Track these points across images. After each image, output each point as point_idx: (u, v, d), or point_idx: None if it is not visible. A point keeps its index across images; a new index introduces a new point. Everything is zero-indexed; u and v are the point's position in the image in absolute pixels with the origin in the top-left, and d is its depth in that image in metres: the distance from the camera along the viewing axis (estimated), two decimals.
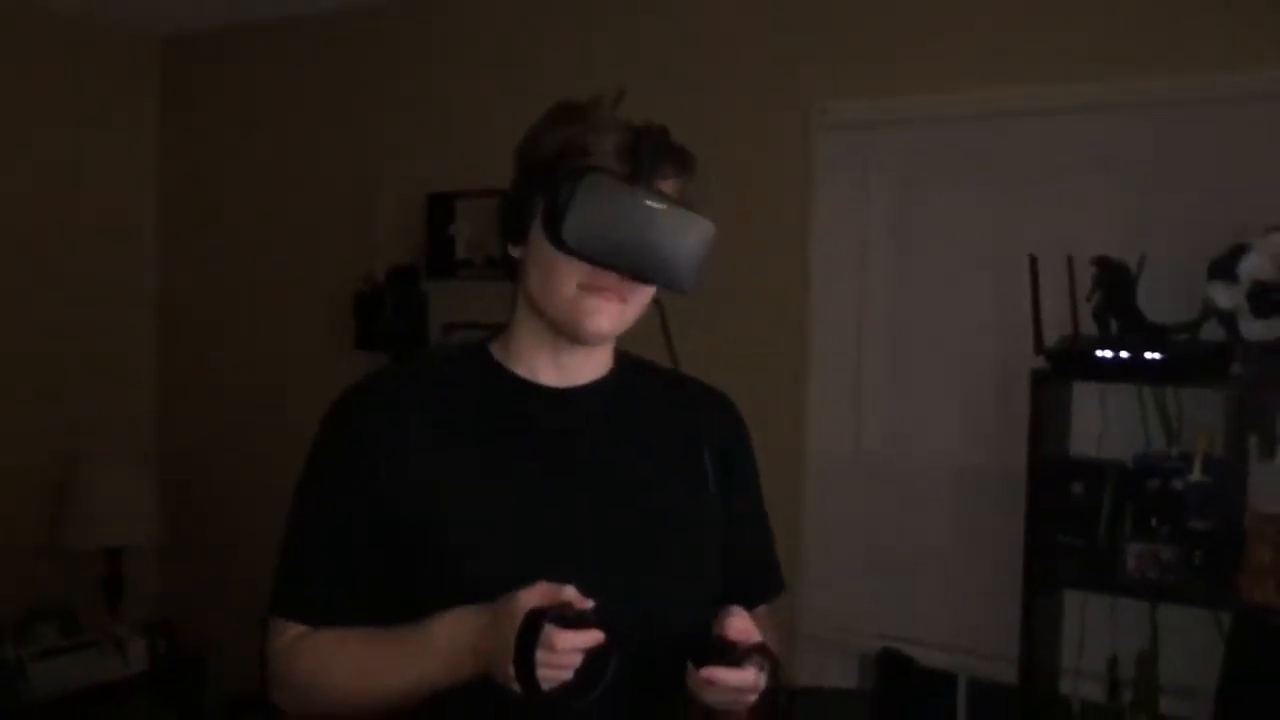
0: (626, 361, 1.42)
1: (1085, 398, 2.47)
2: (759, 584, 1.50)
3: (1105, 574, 2.23)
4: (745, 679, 1.18)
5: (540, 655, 1.09)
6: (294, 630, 1.31)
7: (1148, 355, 2.18)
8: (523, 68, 3.25)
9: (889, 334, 2.81)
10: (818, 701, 2.70)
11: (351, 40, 3.70)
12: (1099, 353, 2.22)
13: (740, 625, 1.20)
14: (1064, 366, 2.29)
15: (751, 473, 1.50)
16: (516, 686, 1.11)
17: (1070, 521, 2.26)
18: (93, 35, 3.89)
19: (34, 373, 3.76)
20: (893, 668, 2.66)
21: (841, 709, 2.69)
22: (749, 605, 1.31)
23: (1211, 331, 2.25)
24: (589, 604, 1.13)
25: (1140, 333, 2.27)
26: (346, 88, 3.71)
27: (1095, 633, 2.46)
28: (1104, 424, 2.44)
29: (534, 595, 1.13)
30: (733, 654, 1.18)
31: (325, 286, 3.68)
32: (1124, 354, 2.20)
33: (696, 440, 1.40)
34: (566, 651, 1.10)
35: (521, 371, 1.34)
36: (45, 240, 3.79)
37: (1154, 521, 2.25)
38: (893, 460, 2.79)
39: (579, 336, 1.28)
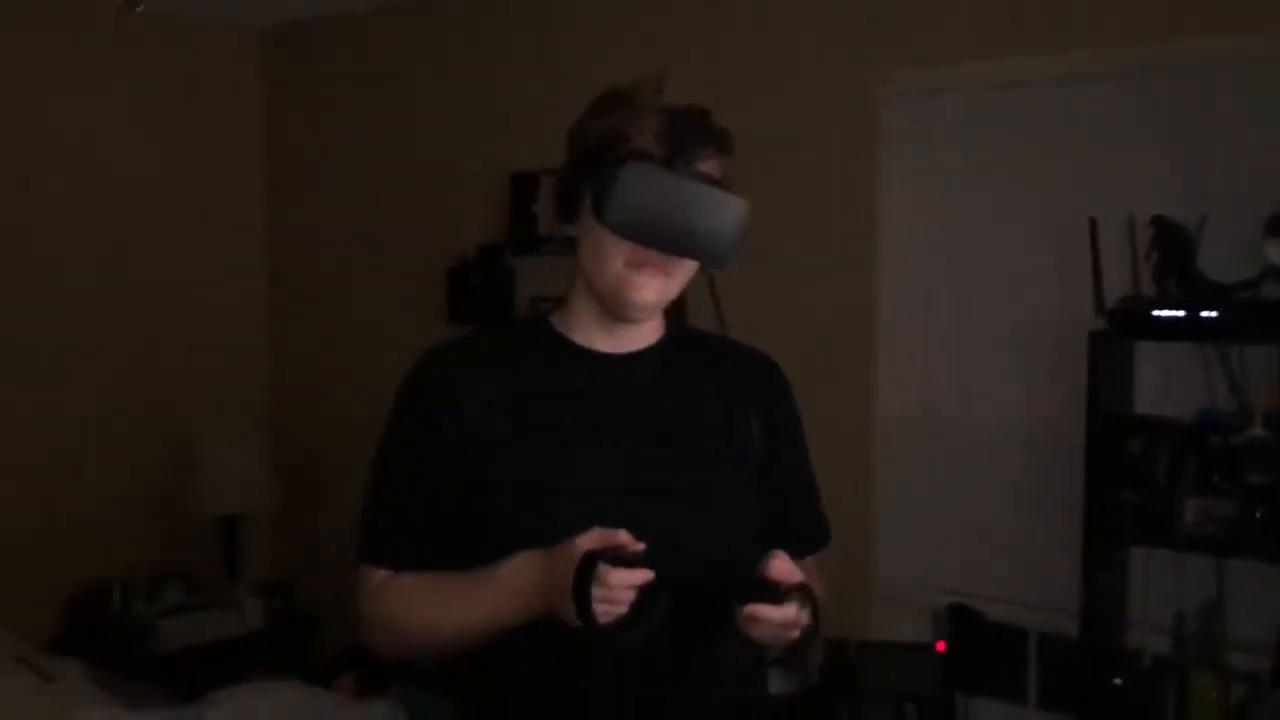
0: (677, 329, 1.52)
1: (1147, 358, 2.51)
2: (806, 536, 1.59)
3: (1165, 529, 2.27)
4: (787, 615, 1.27)
5: (595, 591, 1.20)
6: (379, 575, 1.44)
7: (1204, 313, 2.21)
8: (598, 50, 3.37)
9: (954, 299, 2.86)
10: (892, 655, 2.78)
11: (438, 27, 3.86)
12: (1156, 312, 2.26)
13: (782, 566, 1.30)
14: (1123, 326, 2.33)
15: (797, 431, 1.58)
16: (575, 621, 1.22)
17: (1129, 477, 2.31)
18: (194, 31, 4.13)
19: (161, 353, 4.07)
20: (963, 622, 2.74)
21: (914, 662, 2.77)
22: (797, 556, 1.38)
23: (1273, 289, 2.27)
24: (640, 546, 1.23)
25: (1199, 292, 2.30)
26: (434, 73, 3.88)
27: (1161, 587, 2.51)
28: (1166, 383, 2.47)
29: (589, 539, 1.24)
30: (775, 592, 1.27)
31: (419, 264, 3.87)
32: (1181, 312, 2.23)
33: (741, 400, 1.51)
34: (619, 588, 1.20)
35: (578, 339, 1.46)
36: (164, 227, 4.06)
37: (1215, 478, 2.29)
38: (959, 421, 2.85)
39: (626, 309, 1.40)
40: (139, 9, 3.56)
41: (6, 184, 3.71)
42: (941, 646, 2.73)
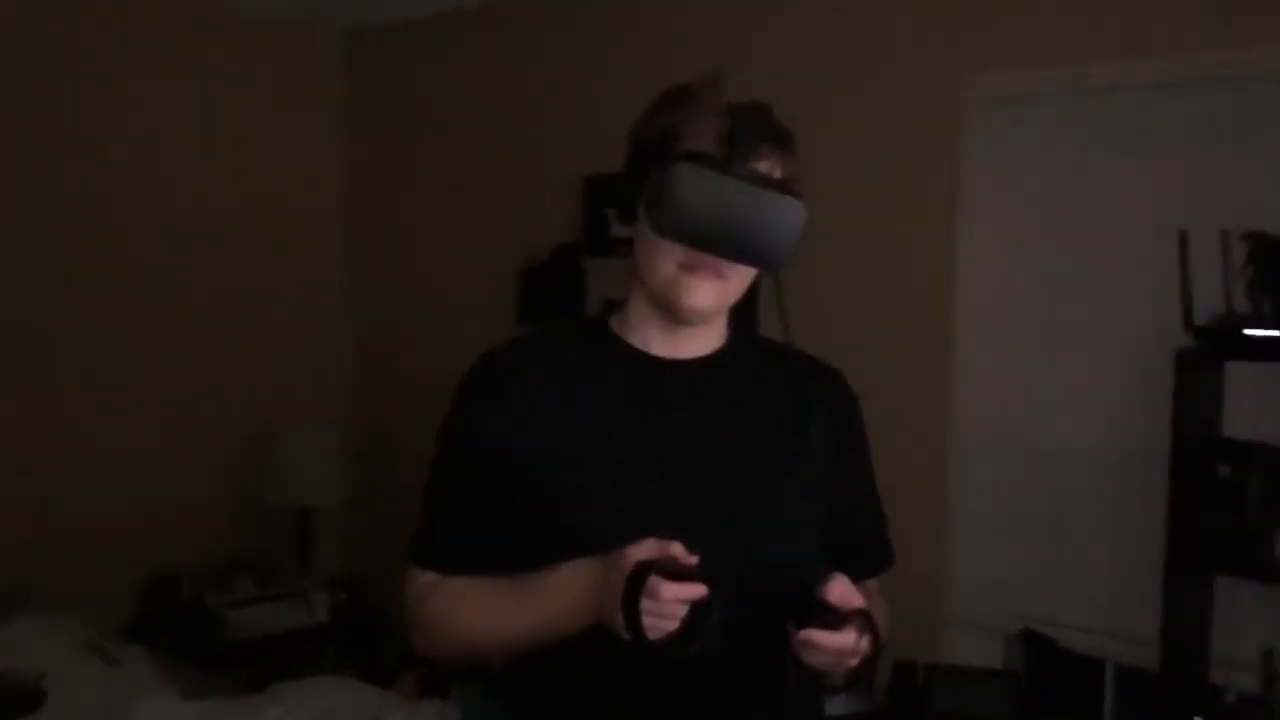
0: (742, 337, 1.48)
1: (1239, 379, 2.38)
2: (869, 558, 1.53)
3: (1254, 558, 2.15)
4: (845, 643, 1.21)
5: (645, 604, 1.15)
6: (427, 577, 1.42)
7: None
8: (677, 49, 3.32)
9: (1036, 310, 2.76)
10: (962, 680, 2.69)
11: (516, 29, 3.86)
12: (1250, 331, 2.15)
13: (842, 590, 1.24)
14: (1213, 344, 2.22)
15: (863, 447, 1.52)
16: (625, 633, 1.18)
17: (1217, 503, 2.19)
18: (282, 25, 4.19)
19: (241, 347, 4.12)
20: (1035, 649, 2.64)
21: (986, 689, 2.68)
22: (857, 578, 1.33)
23: None
24: (693, 559, 1.18)
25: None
26: (512, 75, 3.88)
27: (1249, 621, 2.38)
28: (1259, 407, 2.35)
29: (643, 549, 1.19)
30: (834, 617, 1.21)
31: (496, 264, 3.85)
32: (1276, 332, 2.11)
33: (805, 412, 1.45)
34: (670, 601, 1.15)
35: (635, 342, 1.41)
36: (245, 225, 4.12)
37: None
38: (1038, 438, 2.75)
39: (679, 312, 1.35)
40: None
41: (96, 183, 3.79)
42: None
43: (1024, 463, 2.77)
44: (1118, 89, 2.60)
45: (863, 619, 1.22)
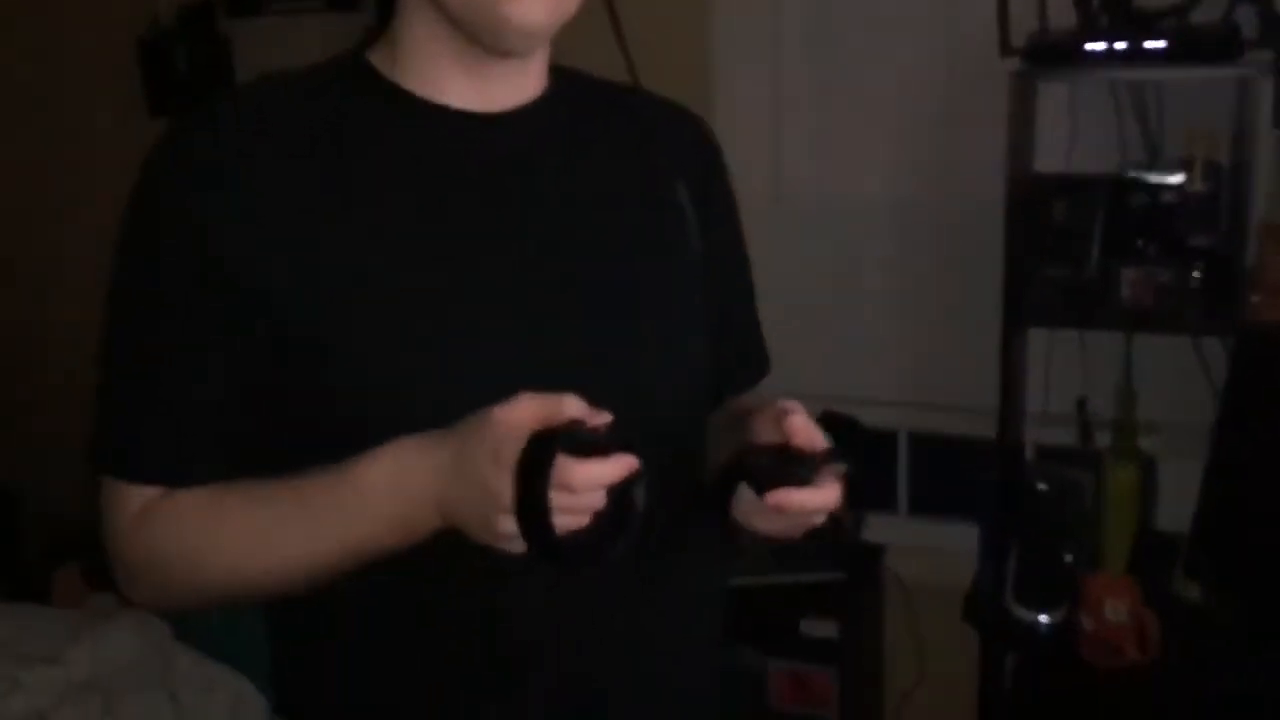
0: (563, 76, 1.02)
1: (1049, 108, 2.13)
2: (752, 360, 1.18)
3: (1102, 305, 1.94)
4: (828, 499, 0.87)
5: (556, 498, 0.78)
6: (141, 495, 0.93)
7: (1149, 44, 1.83)
8: None
9: (810, 54, 2.38)
10: None
11: None
12: (1089, 45, 1.86)
13: (802, 426, 0.88)
14: (1050, 63, 1.93)
15: (734, 213, 1.15)
16: (513, 546, 0.81)
17: (1056, 248, 1.94)
18: None
19: None
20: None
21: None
22: (737, 389, 1.13)
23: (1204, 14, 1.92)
24: (605, 416, 0.81)
25: (1122, 18, 1.91)
26: None
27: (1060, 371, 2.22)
28: (1073, 136, 2.11)
29: (521, 411, 0.80)
30: (807, 467, 0.87)
31: (98, 39, 2.94)
32: (1122, 44, 1.84)
33: (668, 172, 1.05)
34: (590, 489, 0.79)
35: (425, 93, 0.94)
36: None
37: (1140, 242, 1.97)
38: (820, 199, 2.43)
39: (499, 36, 0.89)
40: None
41: None
42: None
43: (806, 227, 2.43)
44: None
45: (835, 460, 0.89)
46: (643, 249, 1.01)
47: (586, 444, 0.79)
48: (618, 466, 0.79)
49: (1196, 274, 1.92)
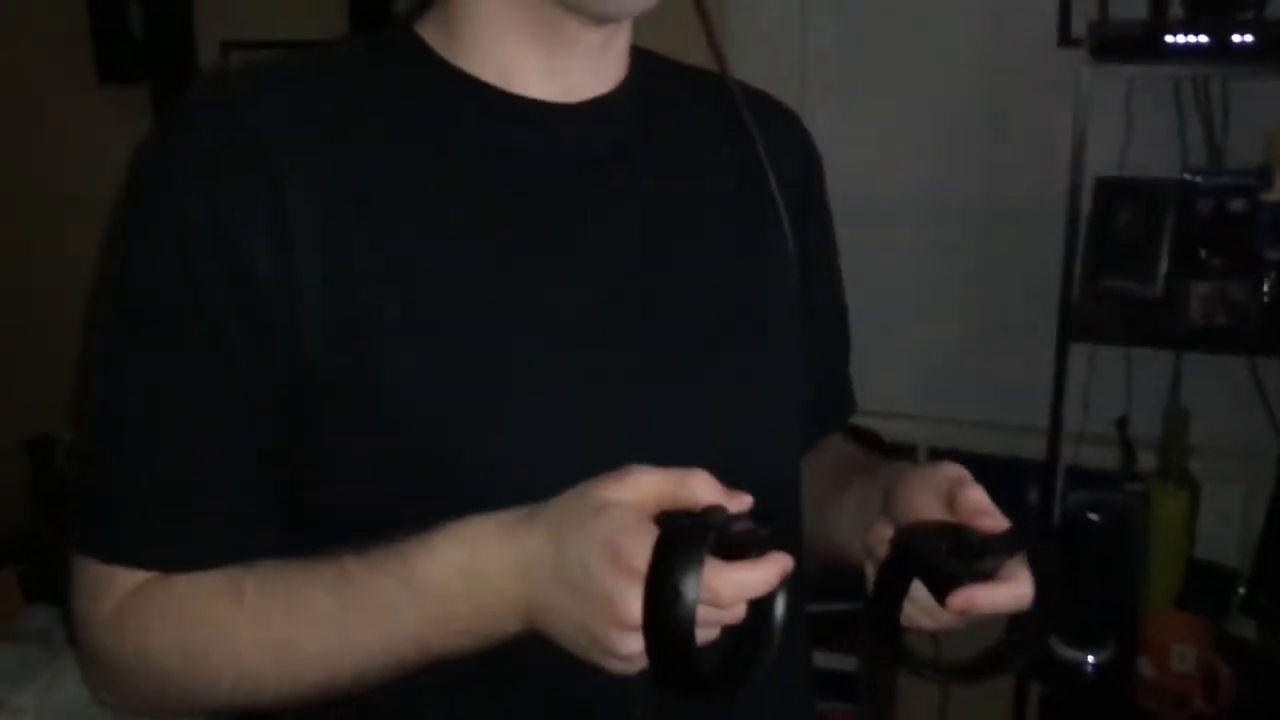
0: (645, 60, 0.86)
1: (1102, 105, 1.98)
2: (844, 397, 1.04)
3: (1162, 323, 1.79)
4: (1022, 594, 0.71)
5: (705, 610, 0.61)
6: (132, 577, 0.73)
7: (1235, 39, 1.68)
8: None
9: (840, 41, 2.20)
10: None
11: None
12: (1169, 38, 1.70)
13: (982, 503, 0.73)
14: (1112, 59, 1.76)
15: (830, 228, 0.99)
16: (630, 667, 0.64)
17: (1122, 260, 1.79)
18: None
19: None
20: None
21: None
22: (827, 431, 0.98)
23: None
24: (743, 501, 0.65)
25: (1198, 10, 1.76)
26: None
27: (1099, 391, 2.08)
28: (1128, 135, 1.96)
29: (641, 492, 0.64)
30: (992, 557, 0.70)
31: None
32: (1203, 38, 1.68)
33: (766, 177, 0.85)
34: (735, 598, 0.63)
35: (490, 77, 0.77)
36: None
37: (1203, 253, 1.83)
38: (850, 199, 2.26)
39: (589, 7, 0.73)
40: None
41: None
42: None
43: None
44: None
45: (1016, 541, 0.72)
46: (743, 275, 0.85)
47: (738, 543, 0.62)
48: (772, 571, 0.63)
49: (1267, 289, 1.77)
